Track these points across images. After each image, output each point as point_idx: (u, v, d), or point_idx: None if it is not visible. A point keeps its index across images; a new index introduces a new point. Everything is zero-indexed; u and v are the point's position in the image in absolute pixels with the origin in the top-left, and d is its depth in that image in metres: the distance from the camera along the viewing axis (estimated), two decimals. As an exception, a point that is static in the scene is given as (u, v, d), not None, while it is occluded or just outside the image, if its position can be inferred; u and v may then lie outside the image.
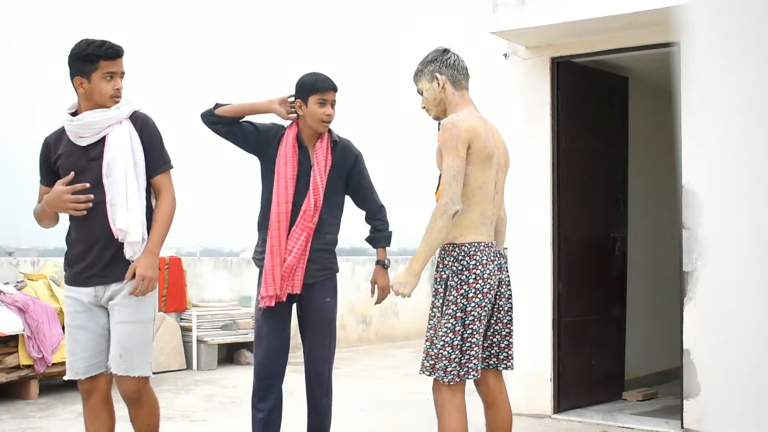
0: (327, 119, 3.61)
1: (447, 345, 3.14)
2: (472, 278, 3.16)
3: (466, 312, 3.15)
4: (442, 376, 3.15)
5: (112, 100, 3.25)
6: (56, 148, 3.31)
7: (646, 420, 5.21)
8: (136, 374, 3.25)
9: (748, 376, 0.87)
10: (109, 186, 3.21)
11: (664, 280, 6.30)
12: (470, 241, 3.21)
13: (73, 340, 3.29)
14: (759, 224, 0.86)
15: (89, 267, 3.26)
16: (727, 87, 0.89)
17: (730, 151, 0.89)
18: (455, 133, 3.15)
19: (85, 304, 3.28)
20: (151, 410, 3.37)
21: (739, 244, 0.88)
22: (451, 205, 3.10)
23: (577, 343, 5.52)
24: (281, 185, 3.59)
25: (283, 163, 3.61)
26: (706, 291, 4.73)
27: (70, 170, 3.25)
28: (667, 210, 5.93)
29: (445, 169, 3.16)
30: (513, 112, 5.51)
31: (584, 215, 5.62)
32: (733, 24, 0.88)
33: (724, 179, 0.90)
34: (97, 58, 3.22)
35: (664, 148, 6.06)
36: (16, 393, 6.01)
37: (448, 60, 3.36)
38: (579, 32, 5.09)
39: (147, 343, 3.29)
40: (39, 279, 6.56)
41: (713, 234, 0.91)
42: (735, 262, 0.89)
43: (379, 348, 9.36)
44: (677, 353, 4.98)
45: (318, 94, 3.60)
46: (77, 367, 3.29)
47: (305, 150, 3.66)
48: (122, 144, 3.23)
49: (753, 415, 0.87)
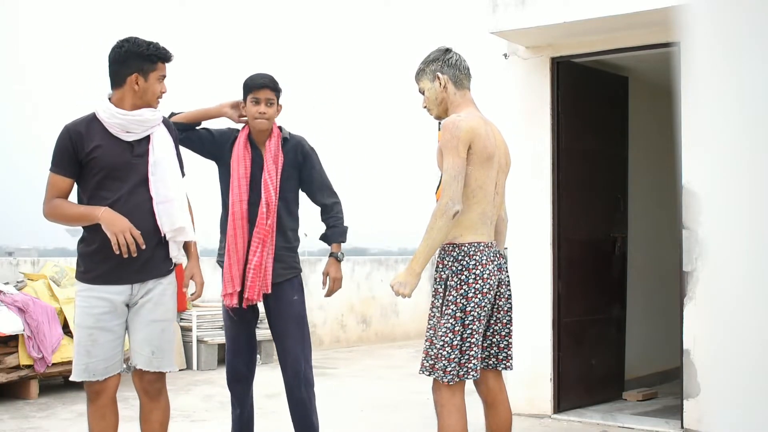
0: (259, 117, 3.68)
1: (446, 345, 3.14)
2: (472, 278, 3.16)
3: (465, 312, 3.15)
4: (441, 376, 3.15)
5: (158, 102, 3.33)
6: (90, 138, 3.19)
7: (646, 420, 5.21)
8: (167, 370, 3.35)
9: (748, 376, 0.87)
10: (155, 184, 3.23)
11: (664, 280, 6.29)
12: (470, 241, 3.21)
13: (93, 342, 3.23)
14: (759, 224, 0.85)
15: (127, 264, 3.20)
16: (727, 87, 0.89)
17: (730, 151, 0.89)
18: (456, 133, 3.15)
19: (114, 303, 3.23)
20: (166, 406, 3.43)
21: (739, 244, 0.88)
22: (451, 205, 3.10)
23: (577, 343, 5.52)
24: (235, 185, 3.69)
25: (236, 163, 3.70)
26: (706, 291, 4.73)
27: (111, 164, 3.18)
28: (667, 210, 5.93)
29: (445, 170, 3.16)
30: (513, 112, 5.51)
31: (584, 215, 5.62)
32: (733, 24, 0.88)
33: (724, 179, 0.90)
34: (157, 59, 3.27)
35: (664, 148, 6.06)
36: (16, 393, 6.01)
37: (450, 59, 3.36)
38: (579, 32, 5.09)
39: (173, 339, 3.41)
40: (39, 279, 6.56)
41: (713, 234, 0.91)
42: (735, 262, 0.89)
43: (379, 348, 9.36)
44: (677, 353, 4.97)
45: (251, 92, 3.70)
46: (95, 369, 3.25)
47: (258, 150, 3.75)
48: (168, 144, 3.33)
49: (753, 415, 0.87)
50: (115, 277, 3.21)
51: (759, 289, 0.85)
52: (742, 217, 0.88)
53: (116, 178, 3.19)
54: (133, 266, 3.21)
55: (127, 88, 3.23)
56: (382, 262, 10.08)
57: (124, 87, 3.24)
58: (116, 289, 3.22)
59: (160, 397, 3.39)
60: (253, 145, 3.75)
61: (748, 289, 0.87)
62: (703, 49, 0.91)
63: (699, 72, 0.92)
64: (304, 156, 3.80)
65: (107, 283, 3.21)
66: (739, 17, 0.87)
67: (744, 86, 0.87)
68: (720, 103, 0.90)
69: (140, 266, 3.23)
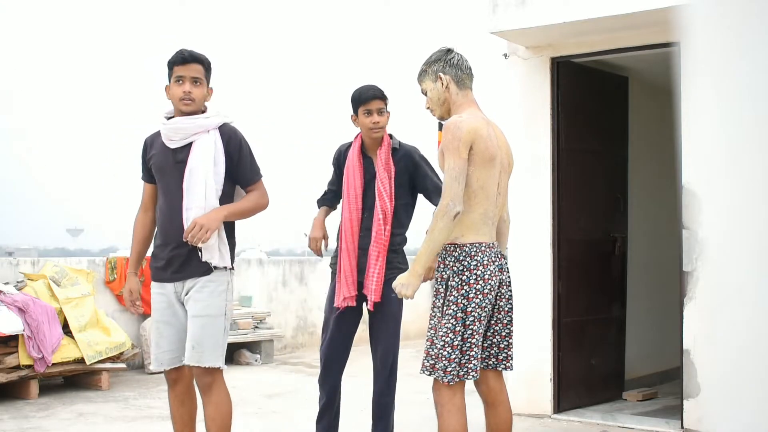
0: (374, 127, 3.95)
1: (447, 345, 3.14)
2: (473, 279, 3.16)
3: (466, 312, 3.15)
4: (441, 376, 3.15)
5: (182, 103, 3.44)
6: (152, 147, 3.57)
7: (646, 420, 5.21)
8: (207, 365, 3.41)
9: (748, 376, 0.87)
10: (187, 191, 3.41)
11: (664, 280, 6.29)
12: (471, 242, 3.21)
13: (159, 334, 3.53)
14: (759, 224, 0.86)
15: (169, 264, 3.48)
16: (727, 87, 0.89)
17: (730, 151, 0.89)
18: (457, 134, 3.15)
19: (169, 299, 3.50)
20: (219, 402, 3.47)
21: (739, 244, 0.88)
22: (452, 206, 3.10)
23: (577, 343, 5.52)
24: (350, 193, 3.97)
25: (351, 173, 3.99)
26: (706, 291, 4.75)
27: (158, 170, 3.51)
28: (667, 210, 5.93)
29: (446, 170, 3.16)
30: (513, 112, 5.51)
31: (584, 215, 5.62)
32: (733, 24, 0.88)
33: (724, 179, 0.90)
34: (172, 64, 3.47)
35: (664, 148, 6.06)
36: (16, 393, 6.01)
37: (452, 60, 3.36)
38: (579, 32, 5.09)
39: (218, 336, 3.45)
40: (39, 279, 6.55)
41: (713, 234, 0.91)
42: (735, 262, 0.89)
43: (379, 348, 9.34)
44: (677, 353, 4.97)
45: (363, 105, 3.95)
46: (162, 359, 3.55)
47: (369, 159, 4.02)
48: (206, 153, 3.43)
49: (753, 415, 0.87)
50: (165, 275, 3.51)
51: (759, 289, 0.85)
52: (742, 217, 0.88)
53: (163, 182, 3.51)
54: (173, 266, 3.47)
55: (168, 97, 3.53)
56: (382, 262, 10.07)
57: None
58: (167, 286, 3.51)
59: (210, 393, 3.46)
60: (365, 154, 4.03)
61: (747, 289, 0.87)
62: (703, 49, 0.91)
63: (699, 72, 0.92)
64: (414, 167, 4.03)
65: (161, 281, 3.53)
66: (739, 17, 0.87)
67: (744, 86, 0.87)
68: (720, 103, 0.90)
69: (178, 266, 3.47)
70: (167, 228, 3.49)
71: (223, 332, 3.47)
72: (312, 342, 9.01)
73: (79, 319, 6.37)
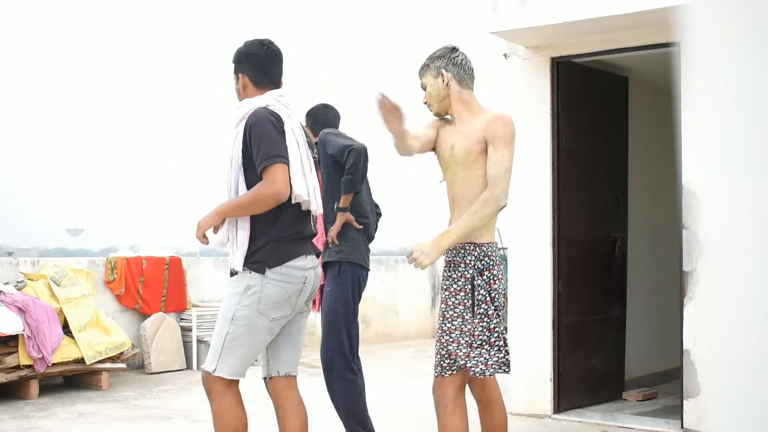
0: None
1: (485, 342, 3.15)
2: (492, 278, 3.20)
3: (497, 309, 3.18)
4: (483, 371, 3.14)
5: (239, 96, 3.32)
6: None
7: (646, 420, 5.21)
8: (206, 368, 3.21)
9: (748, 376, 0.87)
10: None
11: (664, 280, 6.29)
12: (488, 242, 3.24)
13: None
14: (759, 224, 0.86)
15: None
16: (726, 87, 0.89)
17: (730, 151, 0.89)
18: (514, 129, 3.23)
19: None
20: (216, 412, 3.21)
21: (739, 244, 0.88)
22: (503, 197, 3.14)
23: (577, 343, 5.52)
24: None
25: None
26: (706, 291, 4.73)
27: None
28: (667, 210, 5.93)
29: (500, 161, 3.17)
30: (513, 112, 5.49)
31: (584, 215, 5.62)
32: (733, 24, 0.88)
33: (724, 179, 0.90)
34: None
35: (664, 148, 6.05)
36: (16, 393, 6.01)
37: (455, 58, 3.36)
38: (579, 32, 5.09)
39: (218, 339, 3.21)
40: (39, 279, 6.56)
41: (713, 234, 0.91)
42: (735, 262, 0.89)
43: (379, 348, 9.35)
44: (677, 353, 4.97)
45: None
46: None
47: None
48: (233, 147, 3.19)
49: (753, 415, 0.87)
50: None
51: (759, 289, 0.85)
52: (742, 217, 0.88)
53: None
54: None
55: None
56: (382, 262, 10.08)
57: None
58: None
59: (210, 398, 3.22)
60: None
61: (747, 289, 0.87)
62: (703, 49, 0.91)
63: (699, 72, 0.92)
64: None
65: None
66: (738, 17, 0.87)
67: (743, 86, 0.87)
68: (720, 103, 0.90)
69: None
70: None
71: (225, 337, 3.17)
72: (312, 342, 9.00)
73: (79, 319, 6.38)
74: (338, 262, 4.12)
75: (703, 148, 0.92)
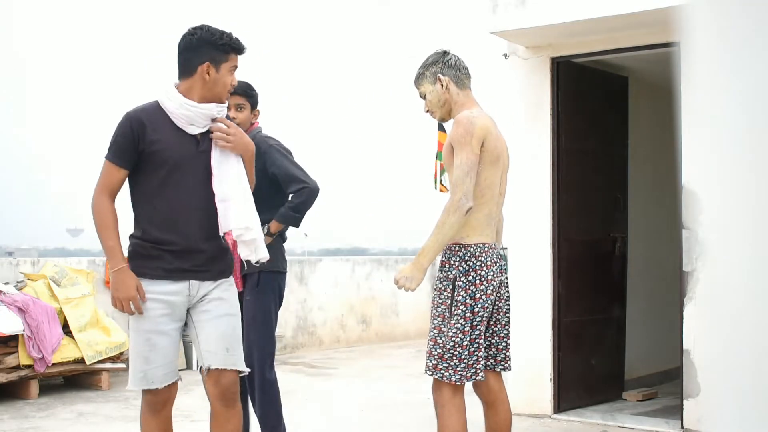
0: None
1: (457, 345, 3.14)
2: (478, 279, 3.17)
3: (474, 313, 3.15)
4: (450, 376, 3.14)
5: (227, 95, 3.13)
6: (153, 128, 3.01)
7: (646, 420, 5.21)
8: (242, 368, 3.08)
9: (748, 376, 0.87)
10: (220, 181, 3.04)
11: (664, 280, 6.29)
12: (476, 242, 3.21)
13: (151, 347, 3.04)
14: (759, 224, 0.86)
15: (187, 261, 3.03)
16: (727, 87, 0.89)
17: (730, 151, 0.89)
18: (470, 129, 3.15)
19: (170, 303, 3.03)
20: (240, 411, 3.10)
21: (739, 244, 0.88)
22: (464, 201, 3.10)
23: (577, 343, 5.52)
24: None
25: None
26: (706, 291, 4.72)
27: (177, 158, 3.01)
28: (667, 210, 5.93)
29: (457, 165, 3.14)
30: (513, 112, 5.51)
31: (584, 215, 5.62)
32: (734, 24, 0.88)
33: (724, 179, 0.90)
34: (231, 50, 3.09)
35: (664, 148, 6.06)
36: (16, 393, 6.01)
37: (449, 61, 3.36)
38: (579, 32, 5.09)
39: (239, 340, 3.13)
40: (39, 279, 6.56)
41: (713, 234, 0.91)
42: (735, 262, 0.89)
43: (379, 348, 9.36)
44: (677, 353, 4.97)
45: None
46: (154, 376, 3.08)
47: None
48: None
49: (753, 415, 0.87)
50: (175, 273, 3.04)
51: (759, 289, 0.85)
52: (742, 216, 0.88)
53: (183, 172, 3.02)
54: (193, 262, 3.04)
55: (197, 77, 3.05)
56: (382, 262, 10.09)
57: (194, 76, 3.05)
58: (172, 287, 3.03)
59: (236, 403, 3.07)
60: None
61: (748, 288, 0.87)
62: (703, 49, 0.91)
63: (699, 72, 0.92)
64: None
65: (164, 279, 3.05)
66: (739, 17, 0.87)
67: (744, 86, 0.87)
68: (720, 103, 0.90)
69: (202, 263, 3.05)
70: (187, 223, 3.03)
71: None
72: (312, 342, 9.01)
73: (79, 319, 6.38)
74: (258, 272, 3.87)
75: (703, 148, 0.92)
